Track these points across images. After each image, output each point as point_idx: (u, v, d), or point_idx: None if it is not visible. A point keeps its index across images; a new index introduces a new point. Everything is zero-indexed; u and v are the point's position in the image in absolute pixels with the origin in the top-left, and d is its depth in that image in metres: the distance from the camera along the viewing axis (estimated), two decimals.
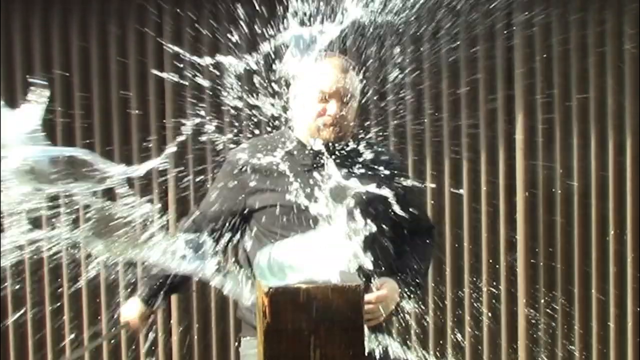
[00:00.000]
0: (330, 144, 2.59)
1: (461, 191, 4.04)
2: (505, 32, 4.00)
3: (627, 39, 4.00)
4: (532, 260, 4.06)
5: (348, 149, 2.63)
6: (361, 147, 2.66)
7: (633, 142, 4.04)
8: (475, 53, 4.00)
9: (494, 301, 4.07)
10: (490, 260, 4.06)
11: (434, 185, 4.04)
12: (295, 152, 2.62)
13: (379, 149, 2.72)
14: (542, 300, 4.07)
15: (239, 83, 3.66)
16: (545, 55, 4.01)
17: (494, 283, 4.06)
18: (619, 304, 4.08)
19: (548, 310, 4.08)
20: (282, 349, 1.68)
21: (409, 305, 2.60)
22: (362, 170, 2.61)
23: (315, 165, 2.60)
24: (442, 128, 4.02)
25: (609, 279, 4.08)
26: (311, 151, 2.61)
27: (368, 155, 2.65)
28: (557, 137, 4.04)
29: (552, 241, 4.06)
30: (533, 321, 4.08)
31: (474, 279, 4.05)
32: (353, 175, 2.57)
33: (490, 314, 4.07)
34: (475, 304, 4.06)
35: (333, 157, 2.61)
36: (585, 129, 4.05)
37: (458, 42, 3.99)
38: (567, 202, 4.05)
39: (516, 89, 4.01)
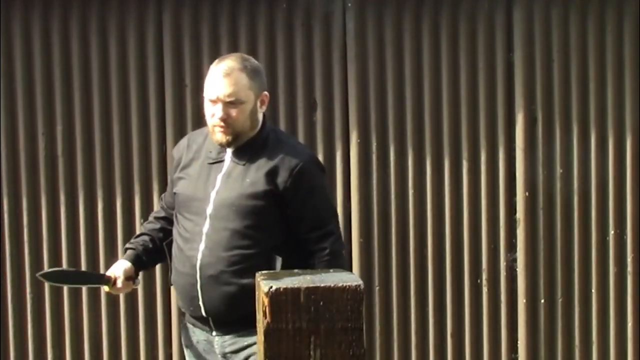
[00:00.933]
0: (228, 142, 2.75)
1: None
2: (505, 30, 4.00)
3: (628, 38, 4.00)
4: (532, 260, 4.06)
5: (248, 146, 2.78)
6: (267, 144, 2.79)
7: (633, 142, 4.04)
8: (475, 52, 4.00)
9: (493, 301, 4.07)
10: (490, 260, 4.05)
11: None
12: (207, 146, 2.83)
13: (286, 146, 2.83)
14: (542, 301, 4.07)
15: None
16: (545, 54, 4.01)
17: (494, 283, 4.06)
18: (619, 304, 4.08)
19: (548, 310, 4.08)
20: (282, 349, 1.68)
21: None
22: (257, 169, 2.75)
23: (217, 161, 2.80)
24: (442, 127, 4.02)
25: (609, 279, 4.08)
26: (217, 147, 2.80)
27: (267, 152, 2.78)
28: (557, 137, 4.04)
29: (552, 241, 4.06)
30: (533, 321, 4.07)
31: (474, 278, 4.05)
32: (246, 173, 2.76)
33: (490, 314, 4.07)
34: (475, 304, 4.06)
35: (233, 153, 2.78)
36: (585, 129, 4.05)
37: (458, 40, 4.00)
38: (567, 202, 4.05)
39: (516, 88, 4.01)
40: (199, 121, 3.97)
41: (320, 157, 3.98)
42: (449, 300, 4.06)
